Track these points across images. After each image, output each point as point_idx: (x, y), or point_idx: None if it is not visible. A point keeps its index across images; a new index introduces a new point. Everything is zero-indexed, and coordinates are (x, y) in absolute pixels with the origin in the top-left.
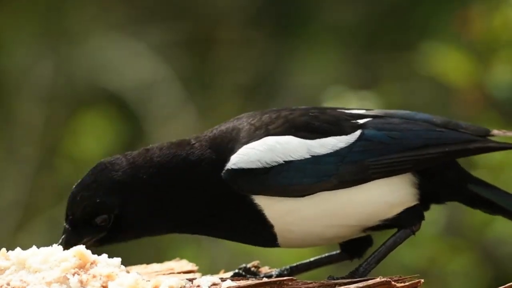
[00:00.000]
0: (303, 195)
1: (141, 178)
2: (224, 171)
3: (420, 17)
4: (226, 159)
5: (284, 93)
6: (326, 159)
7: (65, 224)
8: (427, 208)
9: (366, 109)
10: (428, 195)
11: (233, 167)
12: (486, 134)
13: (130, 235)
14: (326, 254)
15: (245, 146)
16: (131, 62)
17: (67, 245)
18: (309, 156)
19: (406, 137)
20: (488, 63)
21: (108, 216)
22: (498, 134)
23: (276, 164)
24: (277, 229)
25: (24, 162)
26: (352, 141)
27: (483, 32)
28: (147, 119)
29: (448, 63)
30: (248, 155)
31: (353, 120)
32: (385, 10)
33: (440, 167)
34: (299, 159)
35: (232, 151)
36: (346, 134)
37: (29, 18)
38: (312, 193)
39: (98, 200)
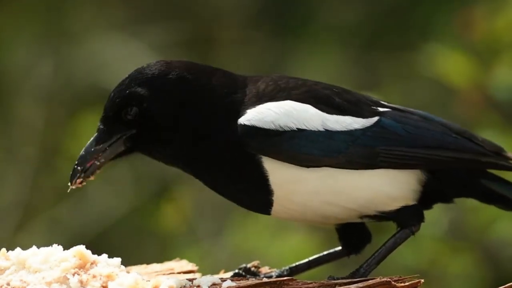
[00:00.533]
0: (309, 166)
1: (172, 79)
2: (238, 124)
3: (420, 17)
4: (244, 113)
5: None
6: (339, 136)
7: (99, 123)
8: (429, 207)
9: (388, 102)
10: (433, 194)
11: (246, 123)
12: (500, 152)
13: (153, 140)
14: (325, 252)
15: (263, 105)
16: (131, 62)
17: (97, 143)
18: (322, 129)
19: (421, 134)
20: (490, 65)
21: (138, 109)
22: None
23: (288, 129)
24: (277, 196)
25: (24, 162)
26: (368, 125)
27: (485, 34)
28: None
29: (449, 64)
30: (263, 114)
31: (373, 106)
32: (385, 10)
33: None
34: (312, 129)
35: (252, 106)
36: (364, 117)
37: (29, 18)
38: (319, 166)
39: (128, 91)
